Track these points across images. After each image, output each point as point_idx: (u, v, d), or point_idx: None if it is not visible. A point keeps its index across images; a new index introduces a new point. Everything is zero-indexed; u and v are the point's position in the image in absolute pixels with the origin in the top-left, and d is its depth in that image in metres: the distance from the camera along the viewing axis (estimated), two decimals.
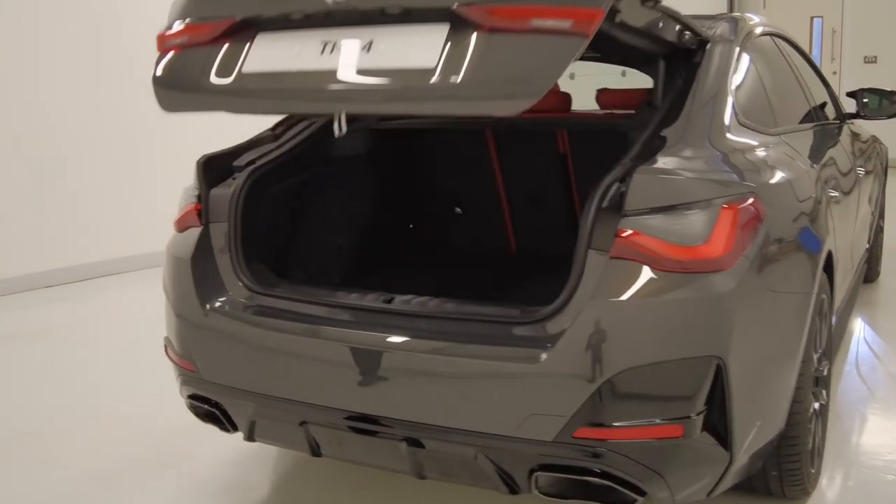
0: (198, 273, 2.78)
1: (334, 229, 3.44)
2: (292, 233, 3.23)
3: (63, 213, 6.22)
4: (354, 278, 3.42)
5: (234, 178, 2.95)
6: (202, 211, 2.89)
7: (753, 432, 2.33)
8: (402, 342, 2.37)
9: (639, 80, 3.25)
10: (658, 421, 2.14)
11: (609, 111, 3.52)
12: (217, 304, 2.70)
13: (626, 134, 2.83)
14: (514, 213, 3.81)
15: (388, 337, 2.39)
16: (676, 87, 2.76)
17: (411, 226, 3.92)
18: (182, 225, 2.95)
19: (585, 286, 2.20)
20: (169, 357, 2.91)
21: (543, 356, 2.16)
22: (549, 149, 3.57)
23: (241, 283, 2.73)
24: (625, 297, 2.14)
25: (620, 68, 4.03)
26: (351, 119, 2.46)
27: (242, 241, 2.83)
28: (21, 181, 6.00)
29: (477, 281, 3.45)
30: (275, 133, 3.22)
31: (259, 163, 3.00)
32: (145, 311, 5.36)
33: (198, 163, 2.91)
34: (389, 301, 2.54)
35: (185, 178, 3.01)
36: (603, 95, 3.41)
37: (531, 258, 3.79)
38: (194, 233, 2.88)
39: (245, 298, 2.71)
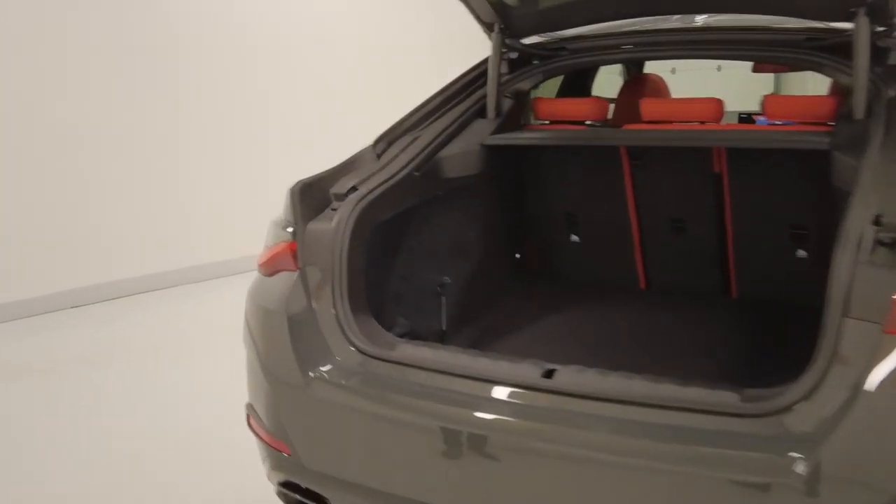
0: (295, 330, 2.22)
1: (439, 265, 2.87)
2: (394, 272, 2.67)
3: (90, 228, 5.67)
4: (462, 323, 2.86)
5: (333, 209, 2.39)
6: (297, 251, 2.32)
7: None
8: (580, 437, 1.79)
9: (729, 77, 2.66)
10: None
11: (780, 122, 2.93)
12: (322, 371, 2.14)
13: (828, 154, 2.27)
14: (646, 242, 3.24)
15: (557, 429, 1.81)
16: (885, 95, 2.28)
17: (518, 255, 3.35)
18: (271, 268, 2.39)
19: (845, 371, 1.62)
20: (253, 431, 2.36)
21: (800, 467, 1.58)
22: (700, 167, 3.00)
23: (350, 345, 2.17)
24: None
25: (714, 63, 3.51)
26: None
27: (349, 289, 2.26)
28: (43, 197, 5.45)
29: (618, 329, 2.89)
30: (376, 151, 2.65)
31: (363, 190, 2.44)
32: (184, 331, 5.12)
33: (291, 191, 2.35)
34: (549, 374, 1.96)
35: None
36: (773, 103, 2.80)
37: (665, 296, 3.22)
38: (287, 279, 2.32)
39: (357, 364, 2.14)
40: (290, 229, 2.37)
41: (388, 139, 2.72)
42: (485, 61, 3.17)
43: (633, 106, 3.10)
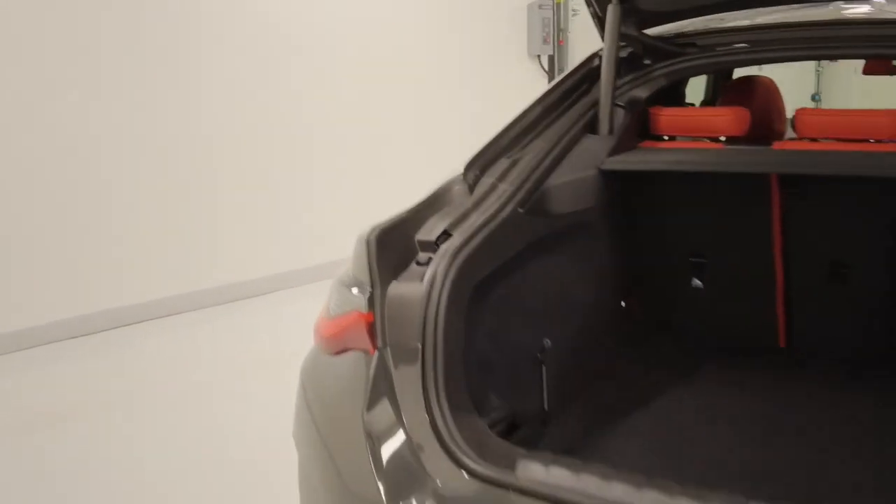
0: (374, 439, 1.59)
1: (538, 324, 2.22)
2: (483, 334, 2.02)
3: (98, 252, 5.04)
4: (567, 398, 2.23)
5: (421, 264, 1.75)
6: (376, 325, 1.69)
7: None
8: None
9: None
10: None
11: None
12: (415, 500, 1.50)
13: None
14: (792, 290, 2.57)
15: None
16: None
17: (623, 303, 2.69)
18: (338, 344, 1.76)
19: None
20: None
21: None
22: (880, 198, 2.33)
23: (455, 463, 1.52)
24: None
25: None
26: None
27: (447, 380, 1.63)
28: (46, 218, 4.83)
29: (763, 415, 2.23)
30: (467, 181, 2.01)
31: (459, 236, 1.80)
32: (206, 363, 4.56)
33: (367, 241, 1.72)
34: None
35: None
36: None
37: (811, 358, 2.55)
38: (361, 362, 1.70)
39: (467, 492, 1.50)
40: (359, 291, 1.73)
41: (480, 165, 2.07)
42: (588, 61, 2.52)
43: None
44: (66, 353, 4.80)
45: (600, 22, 2.46)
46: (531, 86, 7.14)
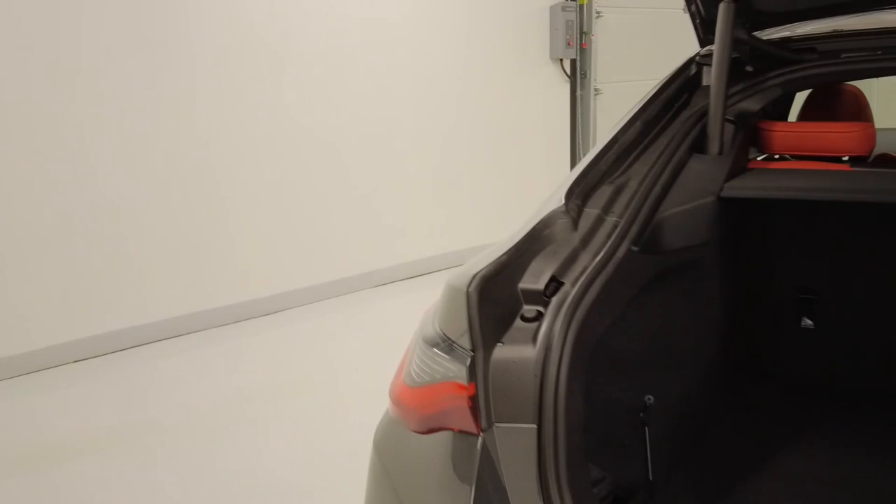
0: None
1: (639, 378, 1.88)
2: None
3: (96, 272, 4.67)
4: (673, 465, 1.89)
5: (528, 319, 1.41)
6: (478, 399, 1.34)
7: None
8: None
9: None
10: None
11: None
12: None
13: None
14: None
15: None
16: None
17: (728, 350, 2.34)
18: (428, 421, 1.41)
19: None
20: None
21: None
22: None
23: None
24: None
25: None
26: None
27: (569, 472, 1.30)
28: (39, 238, 4.46)
29: None
30: (570, 213, 1.66)
31: (572, 284, 1.46)
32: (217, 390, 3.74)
33: (468, 293, 1.36)
34: None
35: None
36: None
37: None
38: (459, 444, 1.35)
39: None
40: (452, 355, 1.38)
41: (581, 193, 1.72)
42: (684, 69, 2.18)
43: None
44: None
45: (702, 24, 2.12)
46: (552, 91, 6.81)
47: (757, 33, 2.23)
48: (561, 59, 6.82)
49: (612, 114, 6.99)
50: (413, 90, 5.93)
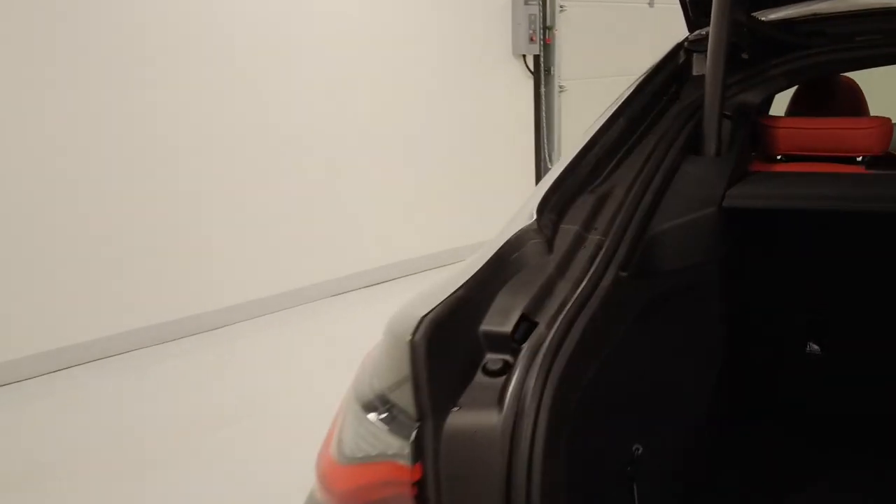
0: None
1: (626, 426, 1.55)
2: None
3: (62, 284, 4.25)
4: None
5: (492, 373, 1.09)
6: (427, 485, 1.01)
7: None
8: None
9: None
10: None
11: None
12: None
13: None
14: None
15: None
16: None
17: (728, 380, 2.03)
18: None
19: None
20: None
21: None
22: None
23: None
24: None
25: None
26: None
27: None
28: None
29: None
30: (543, 231, 1.33)
31: (547, 325, 1.14)
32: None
33: (412, 343, 1.02)
34: None
35: None
36: None
37: None
38: None
39: None
40: (393, 424, 1.05)
41: (557, 205, 1.40)
42: (672, 56, 1.87)
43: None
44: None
45: (693, 4, 1.81)
46: (516, 88, 6.51)
47: (756, 15, 1.92)
48: (524, 56, 6.52)
49: (576, 111, 6.71)
50: (370, 89, 5.59)
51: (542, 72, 6.62)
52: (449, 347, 1.07)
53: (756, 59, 1.87)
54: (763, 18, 1.89)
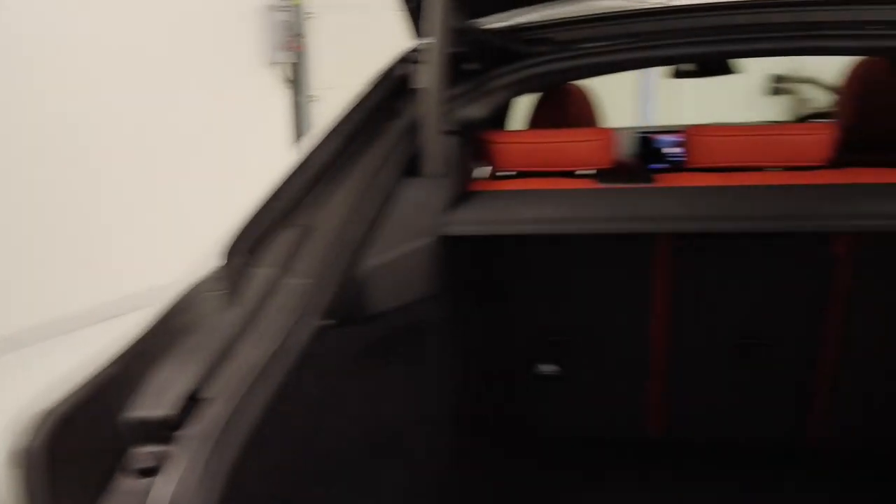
0: None
1: (348, 495, 1.37)
2: None
3: None
4: None
5: (137, 473, 0.88)
6: None
7: None
8: None
9: None
10: None
11: None
12: None
13: None
14: (676, 369, 1.93)
15: None
16: None
17: (468, 415, 1.90)
18: None
19: None
20: None
21: None
22: (805, 247, 1.76)
23: None
24: None
25: None
26: None
27: None
28: None
29: None
30: (230, 276, 1.11)
31: (224, 405, 0.94)
32: None
33: (24, 450, 0.78)
34: None
35: None
36: None
37: (706, 456, 1.95)
38: None
39: None
40: None
41: (248, 243, 1.19)
42: (392, 70, 1.72)
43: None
44: None
45: (415, 11, 1.66)
46: (271, 98, 6.24)
47: (483, 21, 1.81)
48: (279, 65, 6.27)
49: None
50: (115, 96, 5.10)
51: (297, 81, 6.40)
52: (85, 450, 0.83)
53: (481, 69, 1.75)
54: (490, 27, 1.78)
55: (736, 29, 1.71)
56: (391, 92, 1.66)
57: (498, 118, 2.51)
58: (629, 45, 1.74)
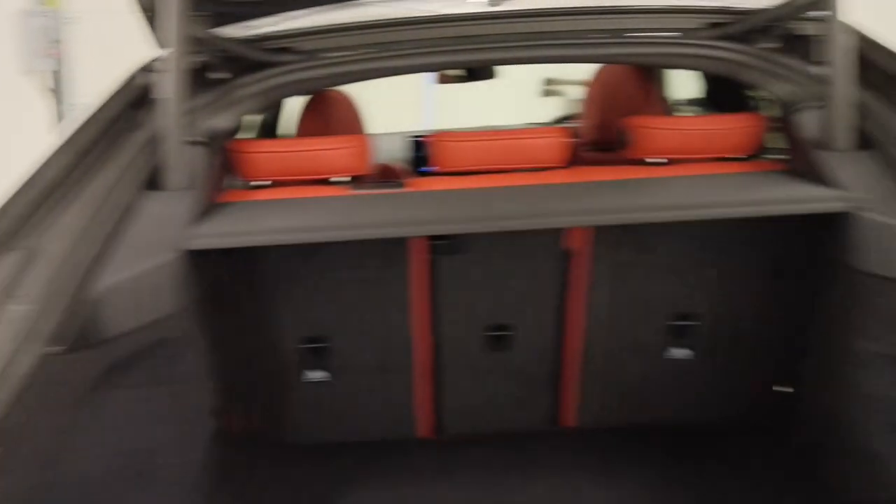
0: None
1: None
2: None
3: None
4: None
5: None
6: None
7: None
8: None
9: None
10: None
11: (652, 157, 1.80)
12: None
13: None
14: (444, 366, 2.00)
15: None
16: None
17: (233, 428, 1.86)
18: None
19: None
20: None
21: None
22: (542, 243, 1.86)
23: None
24: None
25: None
26: None
27: None
28: None
29: None
30: None
31: None
32: None
33: None
34: None
35: None
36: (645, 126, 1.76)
37: (469, 447, 2.03)
38: None
39: None
40: None
41: None
42: (132, 80, 1.66)
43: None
44: None
45: (152, 20, 1.61)
46: (29, 111, 5.82)
47: (229, 31, 1.77)
48: (41, 72, 5.86)
49: None
50: None
51: (59, 90, 6.01)
52: None
53: (228, 78, 1.72)
54: (236, 36, 1.75)
55: (474, 39, 1.78)
56: (131, 103, 1.60)
57: (270, 127, 2.49)
58: (377, 54, 1.77)
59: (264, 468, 1.92)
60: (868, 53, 1.61)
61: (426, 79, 5.42)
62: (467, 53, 1.80)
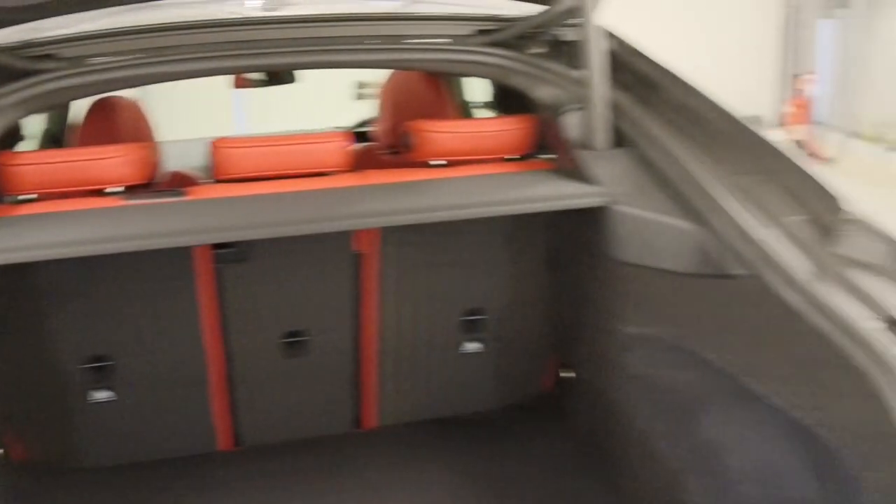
0: None
1: None
2: None
3: None
4: None
5: None
6: None
7: None
8: None
9: None
10: None
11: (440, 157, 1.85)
12: None
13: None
14: (238, 377, 1.96)
15: None
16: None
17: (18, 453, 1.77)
18: None
19: None
20: None
21: None
22: (332, 247, 1.88)
23: None
24: None
25: None
26: None
27: None
28: None
29: None
30: None
31: None
32: None
33: None
34: None
35: None
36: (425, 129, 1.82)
37: (271, 456, 2.01)
38: None
39: None
40: None
41: None
42: None
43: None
44: None
45: None
46: None
47: None
48: None
49: None
50: None
51: None
52: None
53: None
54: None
55: (249, 44, 1.78)
56: None
57: (54, 137, 2.38)
58: (145, 60, 1.73)
59: (54, 496, 1.83)
60: (622, 56, 1.73)
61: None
62: (240, 59, 1.79)
